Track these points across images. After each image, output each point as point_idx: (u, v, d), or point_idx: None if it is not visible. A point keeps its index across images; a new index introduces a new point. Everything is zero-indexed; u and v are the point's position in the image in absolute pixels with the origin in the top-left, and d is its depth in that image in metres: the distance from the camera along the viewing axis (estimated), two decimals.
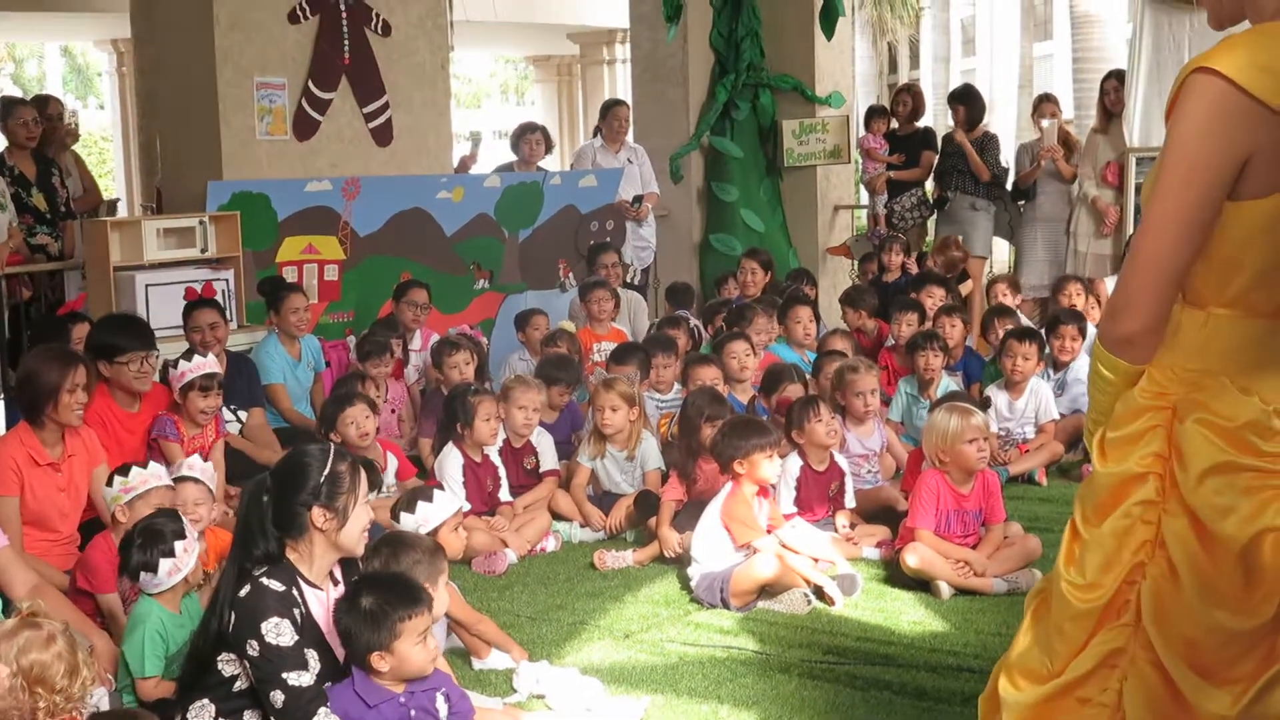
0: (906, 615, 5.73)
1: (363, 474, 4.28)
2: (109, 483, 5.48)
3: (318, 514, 4.12)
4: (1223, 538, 2.65)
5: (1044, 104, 11.97)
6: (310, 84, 9.42)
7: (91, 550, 5.42)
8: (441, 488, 5.46)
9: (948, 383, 8.26)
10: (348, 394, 7.04)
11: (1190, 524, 2.70)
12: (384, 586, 4.14)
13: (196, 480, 5.63)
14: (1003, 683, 2.95)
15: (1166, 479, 2.74)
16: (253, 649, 3.97)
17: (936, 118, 23.59)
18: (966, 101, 11.98)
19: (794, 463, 6.59)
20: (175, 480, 5.64)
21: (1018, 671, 2.94)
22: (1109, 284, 10.18)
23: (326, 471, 4.15)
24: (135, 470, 5.46)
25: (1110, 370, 2.81)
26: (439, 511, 5.29)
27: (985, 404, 7.79)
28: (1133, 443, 2.78)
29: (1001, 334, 8.45)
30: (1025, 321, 9.33)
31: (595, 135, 12.28)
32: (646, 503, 6.87)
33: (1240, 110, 2.55)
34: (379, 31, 9.74)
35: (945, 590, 5.88)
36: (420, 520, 5.22)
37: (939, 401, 6.91)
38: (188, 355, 6.84)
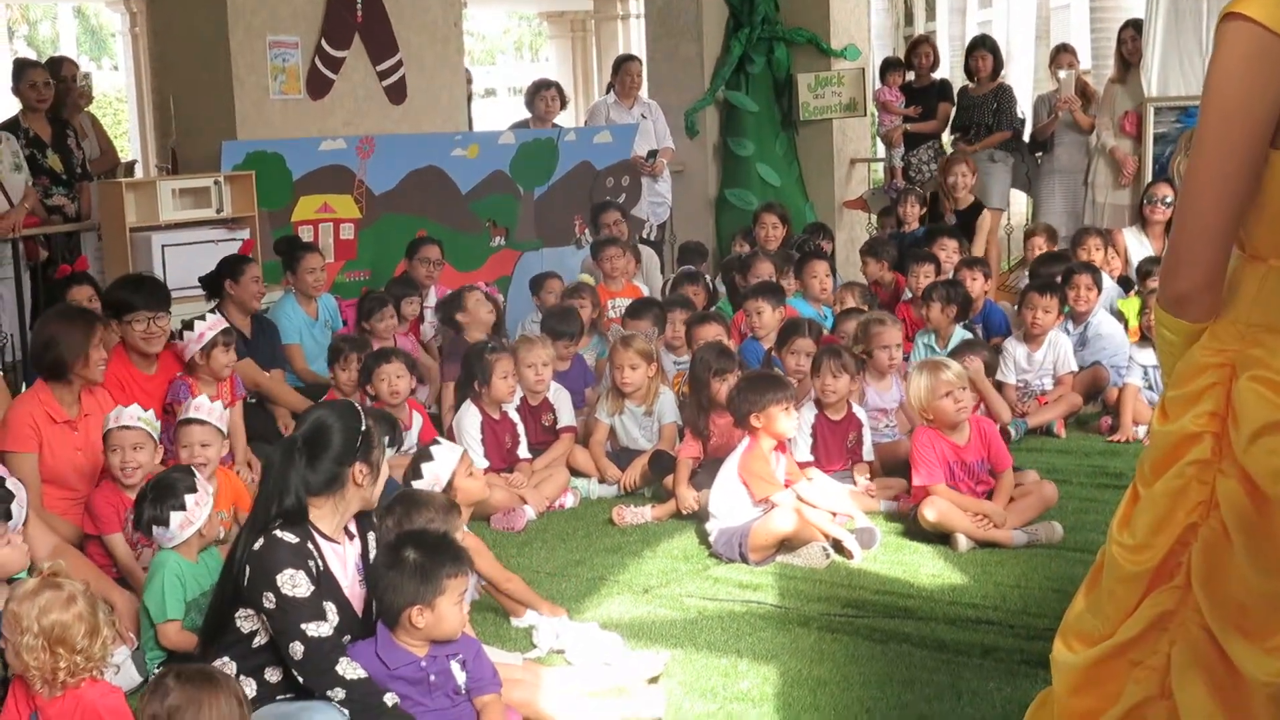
0: (925, 568, 5.74)
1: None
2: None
3: (358, 470, 4.16)
4: (1277, 500, 2.58)
5: (1061, 55, 11.90)
6: (323, 42, 9.39)
7: (94, 497, 5.53)
8: (438, 442, 5.44)
9: (961, 334, 8.23)
10: (387, 350, 7.08)
11: (1243, 485, 2.63)
12: (429, 543, 4.17)
13: (201, 421, 5.69)
14: (1057, 645, 2.91)
15: (1223, 438, 2.67)
16: (269, 601, 3.98)
17: (952, 69, 23.42)
18: (995, 49, 11.93)
19: (809, 412, 6.59)
20: (181, 423, 5.70)
21: (1072, 634, 2.90)
22: (1127, 235, 10.11)
23: (362, 428, 4.20)
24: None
25: (1171, 330, 2.75)
26: (444, 465, 5.26)
27: (995, 351, 7.80)
28: (1191, 401, 2.72)
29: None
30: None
31: (608, 92, 12.22)
32: (661, 462, 6.87)
33: (1273, 54, 2.50)
34: None
35: (963, 543, 5.88)
36: (431, 481, 5.20)
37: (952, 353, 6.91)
38: (189, 324, 6.82)
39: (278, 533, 4.06)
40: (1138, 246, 9.99)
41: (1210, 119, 2.57)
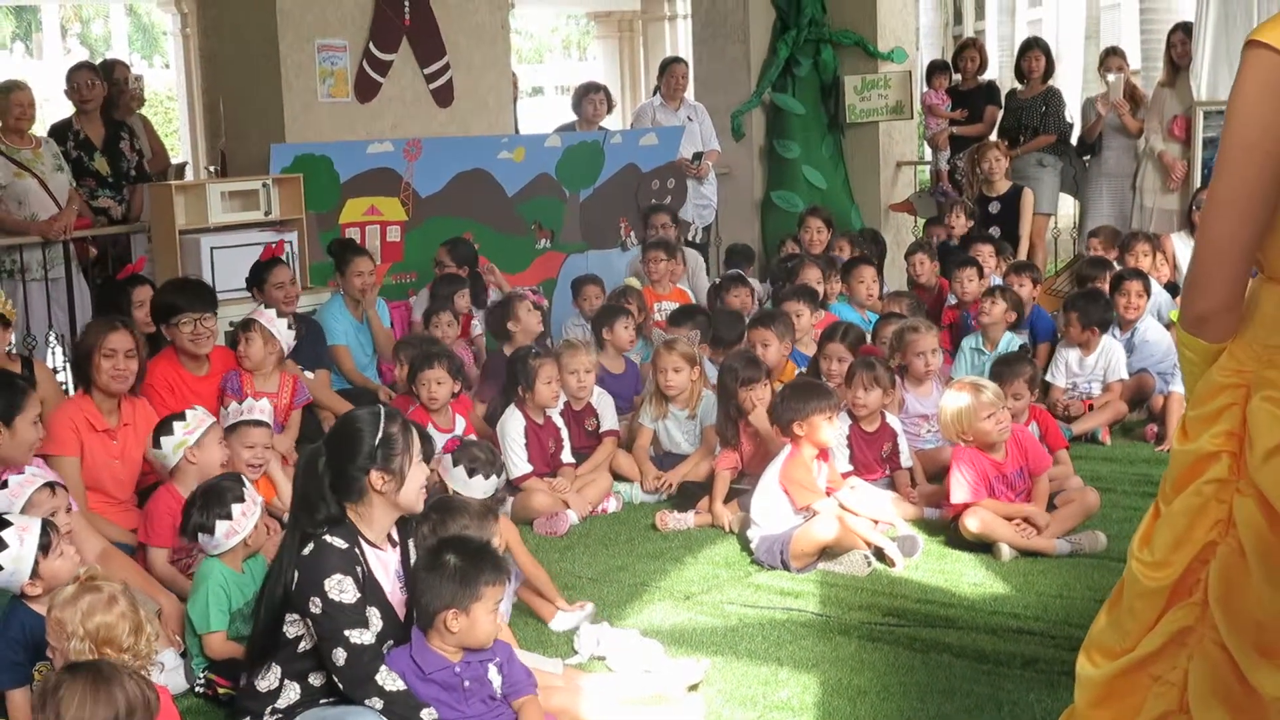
0: (967, 577, 5.73)
1: (414, 431, 4.31)
2: (169, 430, 5.58)
3: (375, 477, 4.16)
4: None
5: (1110, 58, 11.83)
6: (371, 45, 9.44)
7: (152, 502, 5.56)
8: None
9: (1009, 337, 8.21)
10: (431, 354, 7.07)
11: (1258, 504, 2.65)
12: (470, 550, 4.20)
13: (263, 423, 5.91)
14: (1081, 659, 2.95)
15: (1239, 458, 2.70)
16: (315, 606, 4.02)
17: (1001, 69, 23.30)
18: (1047, 51, 11.92)
19: (843, 423, 6.58)
20: (239, 425, 5.81)
21: (1094, 648, 2.93)
22: (1175, 240, 10.05)
23: (380, 435, 4.19)
24: (190, 413, 5.63)
25: (1191, 350, 2.79)
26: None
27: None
28: (1209, 421, 2.75)
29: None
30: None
31: (654, 93, 12.25)
32: (687, 493, 6.88)
33: None
34: None
35: (1006, 552, 5.87)
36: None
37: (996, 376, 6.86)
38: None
39: (327, 538, 4.09)
40: (1186, 252, 9.93)
41: (1230, 146, 2.61)
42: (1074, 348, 8.12)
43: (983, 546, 5.95)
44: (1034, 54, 11.83)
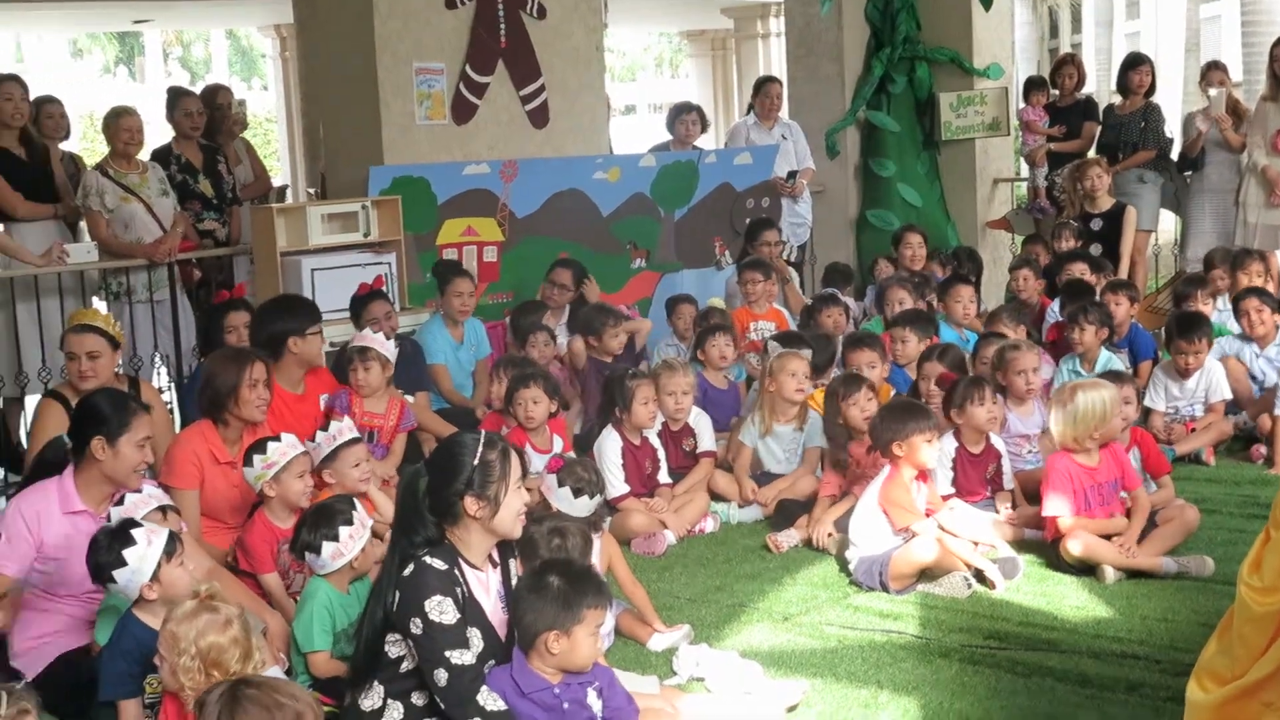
0: (1069, 599, 5.67)
1: (515, 459, 4.33)
2: (249, 462, 5.59)
3: (470, 502, 4.20)
4: None
5: (1211, 72, 11.67)
6: (468, 68, 9.53)
7: (247, 533, 5.62)
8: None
9: (1106, 356, 8.10)
10: (527, 374, 7.11)
11: None
12: (574, 573, 4.23)
13: (356, 440, 5.93)
14: (1191, 685, 2.93)
15: None
16: (416, 627, 4.06)
17: (1099, 83, 23.02)
18: (1153, 66, 11.84)
19: (949, 444, 6.52)
20: (337, 450, 5.81)
21: (1205, 674, 2.91)
22: None
23: (477, 461, 4.22)
24: (272, 445, 5.58)
25: None
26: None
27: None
28: None
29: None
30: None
31: (749, 112, 12.24)
32: (785, 511, 6.87)
33: None
34: (534, 15, 9.81)
35: (1111, 574, 5.79)
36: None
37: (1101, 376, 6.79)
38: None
39: (427, 559, 4.14)
40: None
41: None
42: (1173, 371, 7.98)
43: (1085, 568, 5.88)
44: (1143, 69, 11.66)
